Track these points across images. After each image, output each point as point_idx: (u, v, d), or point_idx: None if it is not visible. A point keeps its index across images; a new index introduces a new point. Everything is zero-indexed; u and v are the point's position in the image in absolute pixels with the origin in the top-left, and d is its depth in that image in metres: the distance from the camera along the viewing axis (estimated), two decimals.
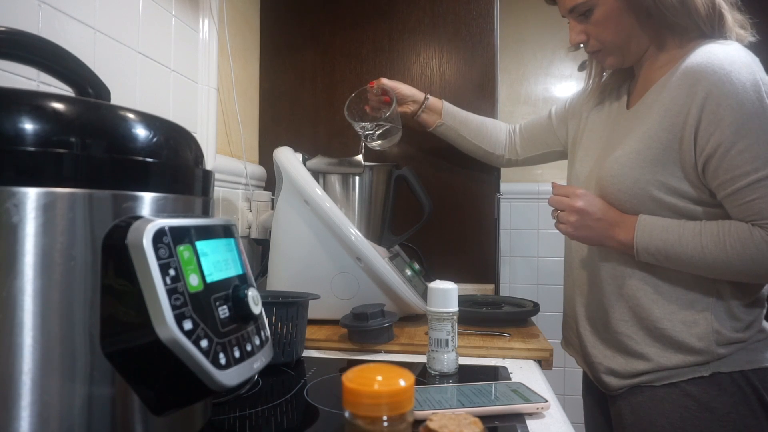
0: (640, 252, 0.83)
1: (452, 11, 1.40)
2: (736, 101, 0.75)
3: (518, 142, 1.24)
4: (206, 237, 0.46)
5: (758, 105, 0.75)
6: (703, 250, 0.79)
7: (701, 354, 0.83)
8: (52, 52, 0.51)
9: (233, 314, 0.46)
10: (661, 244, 0.81)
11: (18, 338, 0.37)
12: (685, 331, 0.84)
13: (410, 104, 1.24)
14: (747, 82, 0.75)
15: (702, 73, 0.77)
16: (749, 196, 0.76)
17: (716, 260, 0.78)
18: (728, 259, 0.78)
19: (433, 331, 0.77)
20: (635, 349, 0.88)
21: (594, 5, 0.87)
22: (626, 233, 0.84)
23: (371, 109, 1.25)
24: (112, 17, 0.85)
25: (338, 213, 1.01)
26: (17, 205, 0.37)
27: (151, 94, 0.97)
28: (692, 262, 0.80)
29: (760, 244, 0.76)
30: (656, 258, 0.83)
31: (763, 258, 0.76)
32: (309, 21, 1.48)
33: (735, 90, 0.75)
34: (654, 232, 0.82)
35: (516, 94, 2.21)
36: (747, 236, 0.77)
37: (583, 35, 0.91)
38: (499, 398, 0.64)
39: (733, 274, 0.80)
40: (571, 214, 0.87)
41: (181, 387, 0.42)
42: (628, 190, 0.84)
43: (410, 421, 0.34)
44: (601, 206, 0.87)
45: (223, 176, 1.22)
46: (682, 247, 0.80)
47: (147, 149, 0.44)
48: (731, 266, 0.78)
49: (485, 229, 1.39)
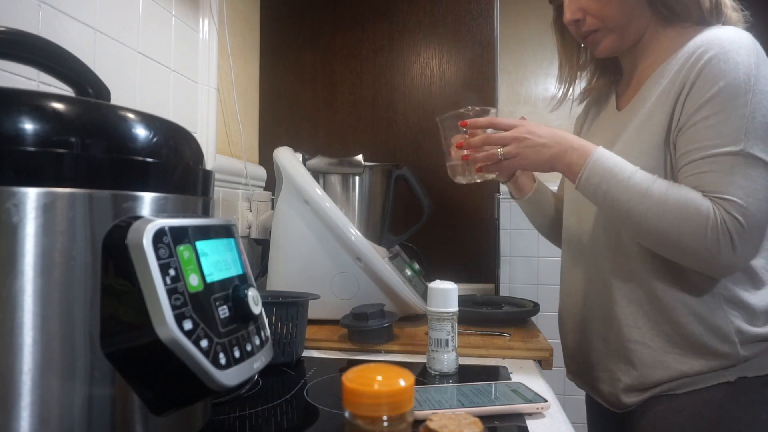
0: (583, 179, 0.77)
1: (452, 11, 1.41)
2: (725, 80, 0.72)
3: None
4: (206, 237, 0.46)
5: (743, 87, 0.72)
6: (644, 194, 0.73)
7: (725, 357, 0.76)
8: (52, 52, 0.51)
9: (233, 314, 0.46)
10: (608, 176, 0.75)
11: (18, 338, 0.37)
12: (705, 332, 0.77)
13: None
14: (741, 63, 0.72)
15: (703, 51, 0.75)
16: (702, 168, 0.72)
17: (651, 208, 0.73)
18: (665, 210, 0.72)
19: (433, 331, 0.77)
20: (652, 358, 0.80)
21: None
22: (580, 158, 0.78)
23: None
24: (112, 17, 0.85)
25: (338, 213, 1.01)
26: (17, 205, 0.37)
27: (151, 94, 0.97)
28: (627, 207, 0.74)
29: (701, 212, 0.70)
30: (595, 192, 0.77)
31: (693, 227, 0.70)
32: (309, 21, 1.48)
33: (728, 69, 0.72)
34: (606, 164, 0.76)
35: (516, 94, 2.21)
36: (694, 202, 0.71)
37: (580, 12, 0.85)
38: (499, 398, 0.64)
39: (660, 237, 0.73)
40: (513, 141, 0.81)
41: (181, 387, 0.42)
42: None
43: (410, 421, 0.34)
44: (552, 130, 0.81)
45: (223, 176, 1.22)
46: (626, 189, 0.74)
47: (147, 149, 0.44)
48: (663, 226, 0.72)
49: (485, 229, 1.39)
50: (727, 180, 0.70)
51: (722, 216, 0.70)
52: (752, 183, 0.70)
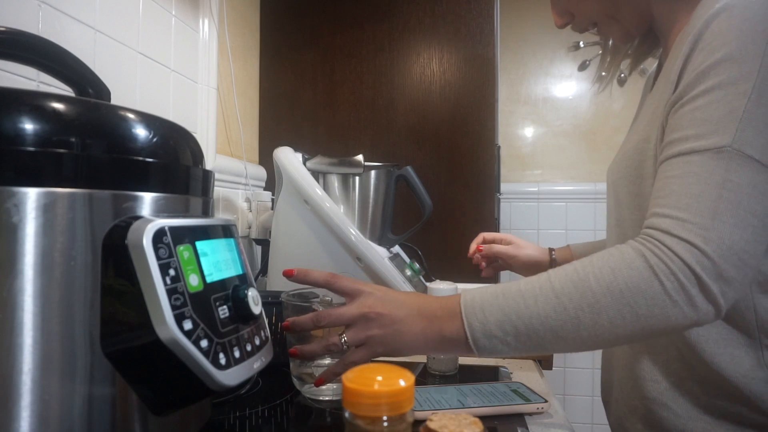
0: (479, 340, 0.53)
1: (452, 11, 1.40)
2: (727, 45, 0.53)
3: None
4: (206, 237, 0.46)
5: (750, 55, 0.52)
6: (558, 299, 0.51)
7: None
8: (52, 52, 0.51)
9: (233, 314, 0.46)
10: (500, 316, 0.53)
11: (18, 338, 0.37)
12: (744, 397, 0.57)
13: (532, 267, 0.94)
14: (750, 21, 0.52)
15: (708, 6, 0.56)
16: (673, 170, 0.53)
17: (581, 307, 0.50)
18: (597, 300, 0.50)
19: None
20: (672, 424, 0.61)
21: None
22: (452, 320, 0.55)
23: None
24: (112, 17, 0.85)
25: (338, 213, 1.01)
26: (17, 205, 0.37)
27: (151, 94, 0.97)
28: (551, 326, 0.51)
29: (633, 262, 0.50)
30: (504, 341, 0.53)
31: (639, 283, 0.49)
32: (309, 21, 1.48)
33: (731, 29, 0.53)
34: (485, 303, 0.54)
35: (516, 94, 2.21)
36: (617, 258, 0.52)
37: (567, 15, 0.73)
38: (499, 398, 0.64)
39: (615, 324, 0.50)
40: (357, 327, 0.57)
41: (181, 387, 0.42)
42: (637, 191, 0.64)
43: (410, 421, 0.34)
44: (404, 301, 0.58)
45: (223, 176, 1.22)
46: (529, 308, 0.52)
47: (147, 149, 0.44)
48: (604, 311, 0.50)
49: (485, 229, 1.39)
50: (692, 193, 0.51)
51: (669, 264, 0.49)
52: (732, 195, 0.50)
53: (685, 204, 0.51)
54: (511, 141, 2.21)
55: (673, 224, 0.51)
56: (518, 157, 2.21)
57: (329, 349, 0.58)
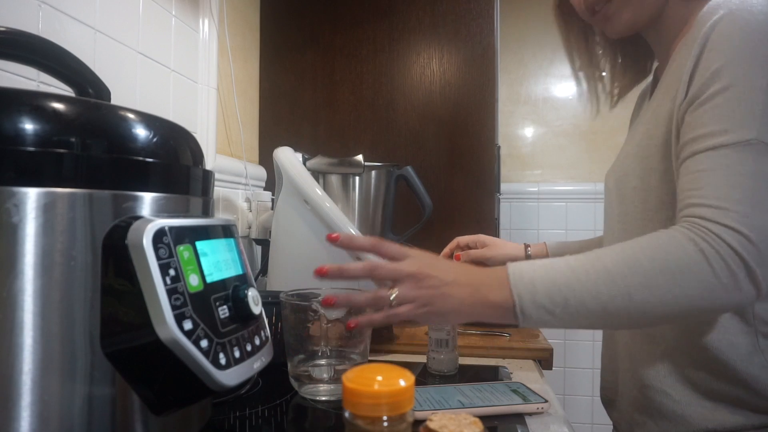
0: (527, 308, 0.55)
1: (452, 11, 1.40)
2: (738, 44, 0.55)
3: None
4: (206, 237, 0.46)
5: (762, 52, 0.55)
6: (610, 275, 0.53)
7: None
8: (52, 52, 0.51)
9: (233, 314, 0.46)
10: (551, 287, 0.54)
11: (18, 338, 0.37)
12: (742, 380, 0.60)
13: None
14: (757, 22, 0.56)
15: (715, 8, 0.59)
16: (702, 165, 0.55)
17: (633, 284, 0.52)
18: (648, 278, 0.52)
19: (433, 331, 0.77)
20: (672, 411, 0.64)
21: None
22: (500, 289, 0.56)
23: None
24: (112, 17, 0.85)
25: (338, 213, 1.01)
26: (17, 205, 0.37)
27: (151, 94, 0.97)
28: (602, 300, 0.53)
29: (684, 245, 0.52)
30: (552, 311, 0.54)
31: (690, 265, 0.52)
32: (309, 21, 1.48)
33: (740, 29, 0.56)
34: (535, 274, 0.56)
35: (516, 94, 2.21)
36: (667, 240, 0.54)
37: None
38: (499, 398, 0.64)
39: (664, 302, 0.52)
40: (406, 280, 0.58)
41: (181, 387, 0.42)
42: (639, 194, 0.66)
43: (410, 421, 0.34)
44: (451, 266, 0.61)
45: (223, 176, 1.22)
46: (580, 282, 0.54)
47: (147, 149, 0.44)
48: (656, 289, 0.52)
49: (485, 229, 1.39)
50: (729, 184, 0.53)
51: (718, 248, 0.52)
52: (765, 185, 0.53)
53: (723, 194, 0.53)
54: (511, 141, 2.21)
55: (716, 213, 0.53)
56: (518, 157, 2.21)
57: (377, 302, 0.59)
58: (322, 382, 0.67)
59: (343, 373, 0.35)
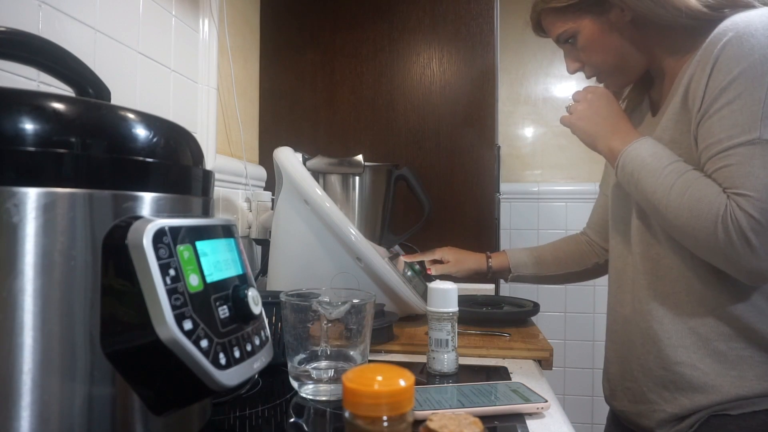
0: (620, 166, 0.76)
1: (452, 11, 1.41)
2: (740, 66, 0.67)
3: (598, 240, 1.10)
4: (206, 237, 0.46)
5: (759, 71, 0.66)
6: (667, 193, 0.71)
7: None
8: (52, 52, 0.51)
9: (233, 314, 0.46)
10: (639, 167, 0.74)
11: (18, 338, 0.37)
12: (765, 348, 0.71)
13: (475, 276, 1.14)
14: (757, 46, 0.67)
15: (718, 37, 0.69)
16: (720, 162, 0.68)
17: (669, 207, 0.70)
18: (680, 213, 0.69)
19: (433, 331, 0.77)
20: (703, 382, 0.73)
21: (575, 32, 0.84)
22: (621, 143, 0.77)
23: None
24: (112, 17, 0.85)
25: (338, 213, 1.01)
26: (17, 205, 0.37)
27: (151, 94, 0.97)
28: (654, 201, 0.72)
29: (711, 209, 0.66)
30: (629, 181, 0.75)
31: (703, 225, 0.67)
32: (309, 21, 1.48)
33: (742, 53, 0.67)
34: (642, 154, 0.74)
35: (516, 94, 2.21)
36: (707, 199, 0.67)
37: (577, 62, 0.88)
38: (499, 398, 0.64)
39: (681, 234, 0.71)
40: (582, 102, 0.83)
41: (181, 387, 0.42)
42: None
43: (410, 421, 0.34)
44: (614, 109, 0.81)
45: (223, 176, 1.22)
46: (654, 182, 0.72)
47: (147, 149, 0.44)
48: (679, 223, 0.69)
49: (485, 229, 1.39)
50: (743, 173, 0.66)
51: (733, 213, 0.65)
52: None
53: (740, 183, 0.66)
54: (511, 141, 2.21)
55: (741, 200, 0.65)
56: (518, 157, 2.21)
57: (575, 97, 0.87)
58: (322, 382, 0.67)
59: (343, 373, 0.35)
